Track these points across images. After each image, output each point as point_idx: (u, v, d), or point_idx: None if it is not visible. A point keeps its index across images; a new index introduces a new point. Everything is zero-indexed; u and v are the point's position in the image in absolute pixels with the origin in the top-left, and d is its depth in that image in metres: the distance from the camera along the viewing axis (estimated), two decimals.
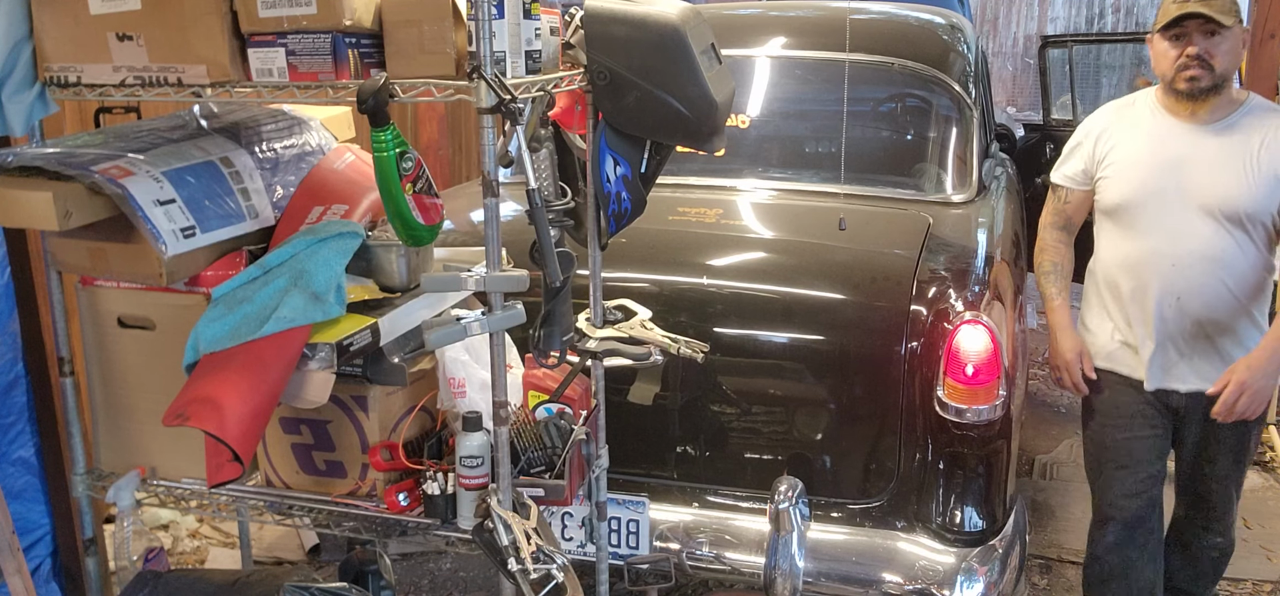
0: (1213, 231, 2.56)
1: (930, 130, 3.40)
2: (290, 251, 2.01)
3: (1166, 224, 2.59)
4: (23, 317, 2.77)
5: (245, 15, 1.88)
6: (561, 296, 2.07)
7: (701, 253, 2.79)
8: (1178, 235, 2.58)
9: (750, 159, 3.34)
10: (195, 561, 3.51)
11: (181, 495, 2.22)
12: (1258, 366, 2.53)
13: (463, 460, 1.93)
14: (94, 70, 2.01)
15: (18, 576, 2.52)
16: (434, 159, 5.48)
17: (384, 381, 2.09)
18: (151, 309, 2.16)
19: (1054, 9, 12.37)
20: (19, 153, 2.06)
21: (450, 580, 3.40)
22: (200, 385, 1.89)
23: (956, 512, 2.55)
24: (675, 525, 2.63)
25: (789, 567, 2.39)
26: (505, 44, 1.78)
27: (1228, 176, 2.55)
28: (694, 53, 2.06)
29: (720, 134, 2.19)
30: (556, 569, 1.83)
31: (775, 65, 3.53)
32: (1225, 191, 2.54)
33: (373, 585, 2.41)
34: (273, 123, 2.36)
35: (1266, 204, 2.54)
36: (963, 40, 3.64)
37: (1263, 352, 2.55)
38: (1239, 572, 3.40)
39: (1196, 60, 2.52)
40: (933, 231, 2.85)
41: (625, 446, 2.52)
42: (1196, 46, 2.51)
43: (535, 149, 2.08)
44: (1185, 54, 2.52)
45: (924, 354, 2.50)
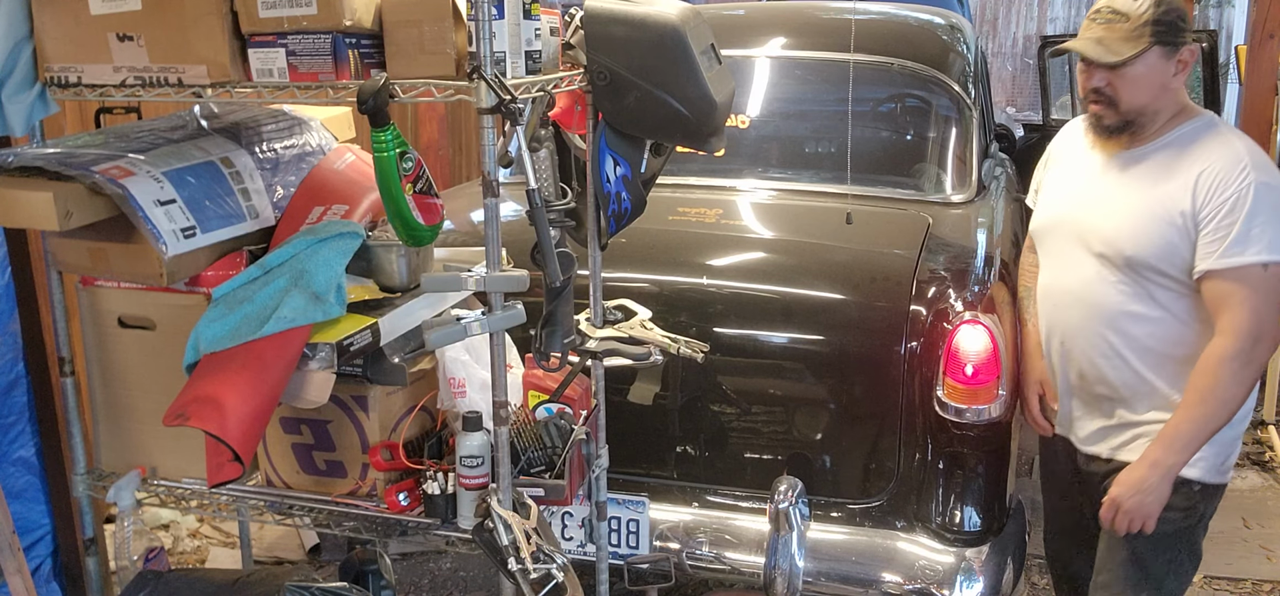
0: (1095, 273, 2.25)
1: (930, 130, 3.40)
2: (290, 251, 2.02)
3: (1058, 257, 2.35)
4: (23, 318, 2.77)
5: (245, 15, 1.88)
6: (562, 297, 2.08)
7: (701, 253, 2.79)
8: (1062, 271, 2.34)
9: (750, 159, 3.34)
10: (195, 561, 3.51)
11: (182, 495, 2.22)
12: (1130, 484, 2.16)
13: (463, 460, 1.93)
14: (94, 70, 2.01)
15: (18, 576, 2.52)
16: (434, 159, 5.49)
17: (384, 381, 2.09)
18: (152, 309, 2.16)
19: (1054, 9, 12.36)
20: (19, 153, 2.06)
21: (450, 580, 3.40)
22: (201, 385, 1.89)
23: (956, 512, 2.55)
24: (675, 525, 2.63)
25: (789, 567, 2.39)
26: (505, 44, 1.78)
27: (1115, 214, 2.22)
28: (694, 53, 2.06)
29: (720, 134, 2.20)
30: (556, 569, 1.83)
31: (775, 65, 3.53)
32: (1110, 230, 2.21)
33: (373, 585, 2.42)
34: (273, 123, 2.36)
35: (1158, 251, 2.15)
36: (962, 40, 3.65)
37: (1141, 466, 2.16)
38: (1239, 572, 3.40)
39: (1097, 94, 2.20)
40: (932, 231, 2.85)
41: (625, 446, 2.53)
42: (1097, 79, 2.19)
43: (535, 149, 2.08)
44: (1087, 87, 2.22)
45: (924, 354, 2.51)
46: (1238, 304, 2.07)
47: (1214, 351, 2.10)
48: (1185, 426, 2.13)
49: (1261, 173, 2.09)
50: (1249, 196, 2.07)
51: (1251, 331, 2.06)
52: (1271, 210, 2.08)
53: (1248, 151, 2.13)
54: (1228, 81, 8.02)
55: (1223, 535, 3.63)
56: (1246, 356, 2.08)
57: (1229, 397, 2.10)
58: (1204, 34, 4.59)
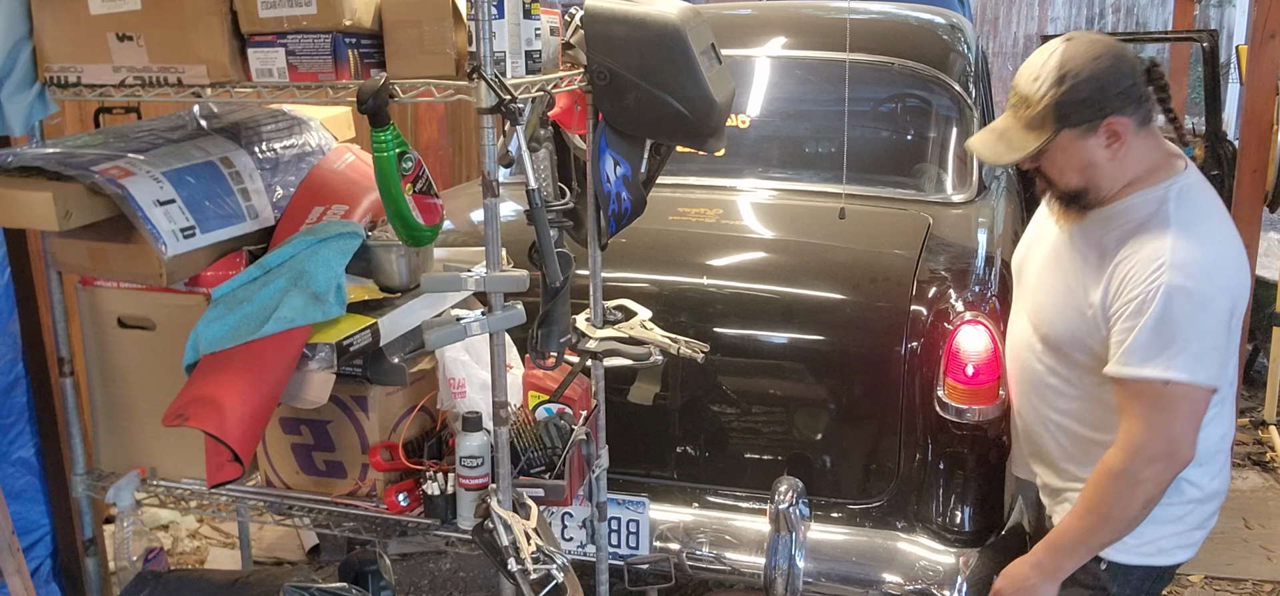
0: (1026, 338, 2.14)
1: (930, 130, 3.40)
2: (290, 251, 2.01)
3: (1014, 304, 2.25)
4: (23, 318, 2.77)
5: (245, 15, 1.87)
6: (560, 297, 2.07)
7: (701, 253, 2.79)
8: (1013, 321, 2.24)
9: (750, 159, 3.34)
10: (195, 561, 3.51)
11: (181, 495, 2.22)
12: (1013, 579, 2.04)
13: (463, 460, 1.93)
14: (94, 70, 2.01)
15: (17, 576, 2.52)
16: (434, 159, 5.48)
17: (384, 381, 2.09)
18: (151, 309, 2.16)
19: (1054, 9, 12.37)
20: (19, 153, 2.06)
21: (450, 580, 3.40)
22: (200, 385, 1.89)
23: (957, 513, 2.55)
24: (675, 525, 2.62)
25: (789, 568, 2.39)
26: (505, 44, 1.78)
27: (1043, 288, 2.09)
28: (694, 53, 2.06)
29: (720, 134, 2.19)
30: (556, 569, 1.83)
31: (775, 65, 3.52)
32: (1037, 303, 2.11)
33: (373, 585, 2.41)
34: (273, 123, 2.36)
35: (1070, 337, 2.00)
36: (963, 40, 3.64)
37: (1026, 563, 2.03)
38: (1239, 572, 3.40)
39: (1037, 171, 2.02)
40: (933, 231, 2.85)
41: (625, 446, 2.52)
42: (1025, 164, 2.01)
43: (535, 149, 2.08)
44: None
45: (924, 354, 2.50)
46: (1134, 417, 1.87)
47: (1105, 462, 1.92)
48: (1070, 533, 1.98)
49: (1180, 275, 1.81)
50: (1156, 301, 1.82)
51: (1144, 450, 1.86)
52: (1182, 320, 1.81)
53: (1174, 247, 1.83)
54: (1229, 81, 8.02)
55: (1223, 535, 3.63)
56: (1135, 476, 1.87)
57: (1116, 515, 1.91)
58: (1205, 34, 4.60)
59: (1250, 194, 3.92)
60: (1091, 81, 1.88)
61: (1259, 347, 4.78)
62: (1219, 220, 1.92)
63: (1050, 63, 1.91)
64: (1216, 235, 1.89)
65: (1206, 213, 1.91)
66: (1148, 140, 1.94)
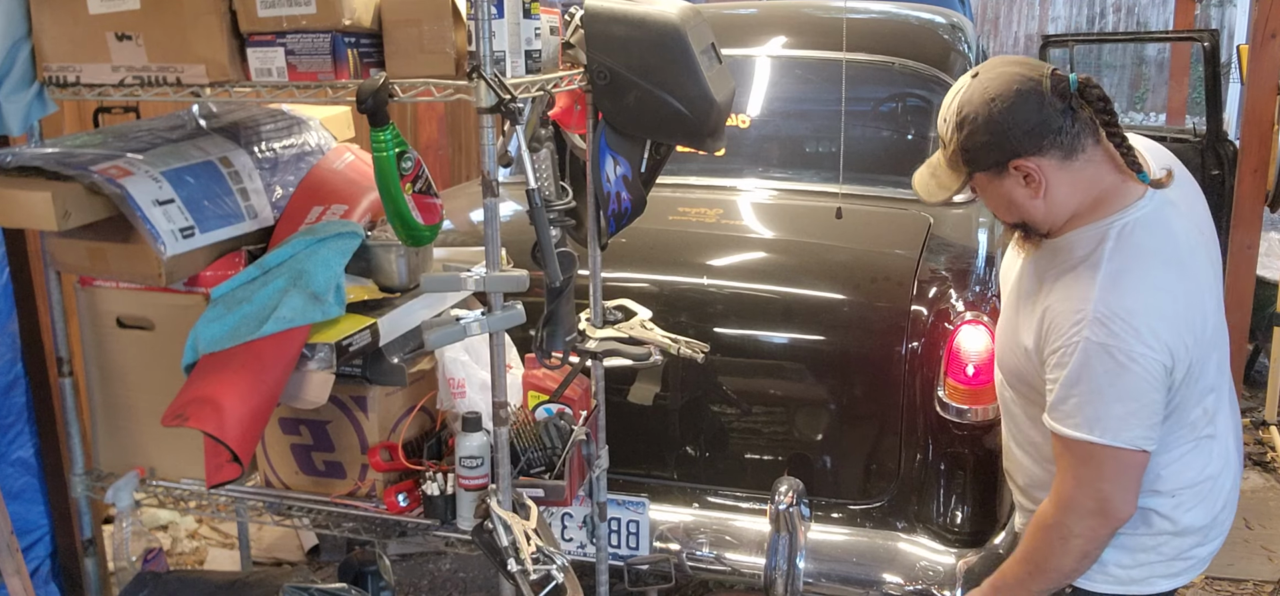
0: (1001, 373, 2.06)
1: (931, 130, 3.39)
2: (289, 251, 2.01)
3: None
4: (22, 318, 2.76)
5: (244, 15, 1.87)
6: (563, 297, 2.07)
7: (701, 253, 2.79)
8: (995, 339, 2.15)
9: (750, 159, 3.34)
10: (194, 562, 3.51)
11: (180, 495, 2.22)
12: None
13: (462, 461, 1.93)
14: (93, 70, 2.01)
15: (17, 577, 2.51)
16: (434, 159, 5.48)
17: (384, 381, 2.09)
18: (151, 309, 2.16)
19: (1055, 9, 12.36)
20: (18, 153, 2.06)
21: (450, 580, 3.40)
22: (199, 385, 1.89)
23: (957, 513, 2.54)
24: (675, 525, 2.62)
25: (789, 568, 2.39)
26: (505, 43, 1.78)
27: (1006, 312, 2.01)
28: (694, 52, 2.06)
29: (720, 134, 2.19)
30: (556, 569, 1.82)
31: (775, 65, 3.52)
32: (1001, 326, 2.04)
33: (372, 586, 2.41)
34: (272, 122, 2.35)
35: (1017, 372, 1.94)
36: (963, 40, 3.64)
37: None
38: (1239, 572, 3.40)
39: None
40: (933, 231, 2.85)
41: (625, 446, 2.52)
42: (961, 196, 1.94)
43: (535, 149, 2.08)
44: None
45: (925, 354, 2.50)
46: (1064, 470, 1.80)
47: (1040, 512, 1.87)
48: (1009, 577, 1.92)
49: (1100, 331, 1.69)
50: (1073, 357, 1.72)
51: (1074, 505, 1.79)
52: (1102, 381, 1.71)
53: (1100, 298, 1.71)
54: (1229, 81, 8.02)
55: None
56: (1067, 530, 1.80)
57: (1050, 567, 1.85)
58: (1205, 34, 4.60)
59: (1250, 194, 3.91)
60: (987, 126, 1.76)
61: (1259, 347, 4.78)
62: (1162, 264, 1.73)
63: (952, 105, 1.81)
64: (1153, 284, 1.72)
65: (1147, 255, 1.74)
66: (1083, 171, 1.78)
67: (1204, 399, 1.84)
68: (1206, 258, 1.83)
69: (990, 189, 1.85)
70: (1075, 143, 1.76)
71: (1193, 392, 1.81)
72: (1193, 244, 1.80)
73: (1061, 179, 1.78)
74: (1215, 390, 1.86)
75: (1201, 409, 1.85)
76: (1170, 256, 1.75)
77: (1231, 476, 1.93)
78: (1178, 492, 1.86)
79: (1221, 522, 1.94)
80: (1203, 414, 1.85)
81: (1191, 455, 1.86)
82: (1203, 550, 1.93)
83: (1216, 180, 4.53)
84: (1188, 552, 1.92)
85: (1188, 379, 1.77)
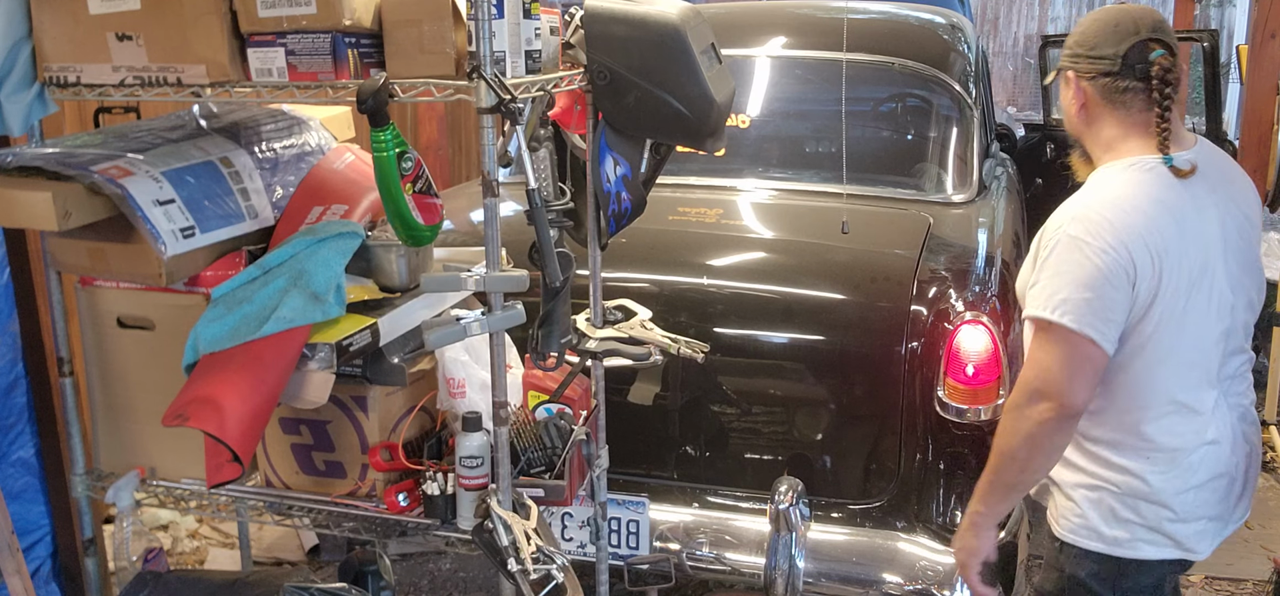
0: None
1: (931, 130, 3.40)
2: (290, 251, 2.01)
3: None
4: (22, 318, 2.76)
5: (245, 15, 1.87)
6: (560, 297, 2.07)
7: (701, 253, 2.79)
8: None
9: (750, 159, 3.34)
10: (195, 561, 3.51)
11: (181, 495, 2.22)
12: (956, 536, 2.09)
13: (462, 460, 1.93)
14: (93, 70, 2.01)
15: (17, 576, 2.52)
16: (434, 159, 5.48)
17: (384, 381, 2.09)
18: (151, 309, 2.16)
19: (1054, 8, 12.37)
20: (18, 153, 2.06)
21: (450, 580, 3.40)
22: (200, 385, 1.89)
23: (957, 513, 2.54)
24: (675, 525, 2.62)
25: (789, 568, 2.39)
26: (505, 44, 1.78)
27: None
28: (694, 52, 2.06)
29: (720, 134, 2.19)
30: (556, 569, 1.83)
31: (775, 65, 3.52)
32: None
33: (372, 585, 2.41)
34: (272, 123, 2.35)
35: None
36: (963, 40, 3.64)
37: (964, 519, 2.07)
38: (1239, 572, 3.40)
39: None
40: (933, 231, 2.85)
41: (625, 446, 2.52)
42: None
43: (535, 149, 2.08)
44: None
45: (924, 354, 2.50)
46: (1029, 354, 1.92)
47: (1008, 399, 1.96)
48: (984, 475, 1.99)
49: (1076, 226, 1.84)
50: (1052, 247, 1.87)
51: (1027, 384, 1.88)
52: (1067, 265, 1.84)
53: (1084, 202, 1.88)
54: (1229, 81, 8.02)
55: None
56: (1019, 410, 1.88)
57: (1006, 448, 1.92)
58: (1205, 34, 4.60)
59: None
60: (1076, 33, 1.99)
61: (1259, 347, 4.78)
62: (1152, 200, 1.86)
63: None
64: (1135, 205, 1.85)
65: (1142, 188, 1.88)
66: (1122, 118, 1.93)
67: (1188, 370, 1.91)
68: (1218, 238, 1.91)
69: (1060, 87, 2.03)
70: (1124, 95, 1.92)
71: (1168, 345, 1.88)
72: (1201, 214, 1.90)
73: (1102, 111, 1.95)
74: (1202, 370, 1.93)
75: (1183, 375, 1.91)
76: (1149, 192, 1.88)
77: (1213, 465, 1.96)
78: (1152, 454, 1.93)
79: (1198, 506, 1.96)
80: (1184, 383, 1.92)
81: (1169, 418, 1.92)
82: (1181, 528, 1.96)
83: None
84: (1166, 525, 1.95)
85: (1158, 316, 1.86)
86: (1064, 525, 2.00)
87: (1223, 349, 1.95)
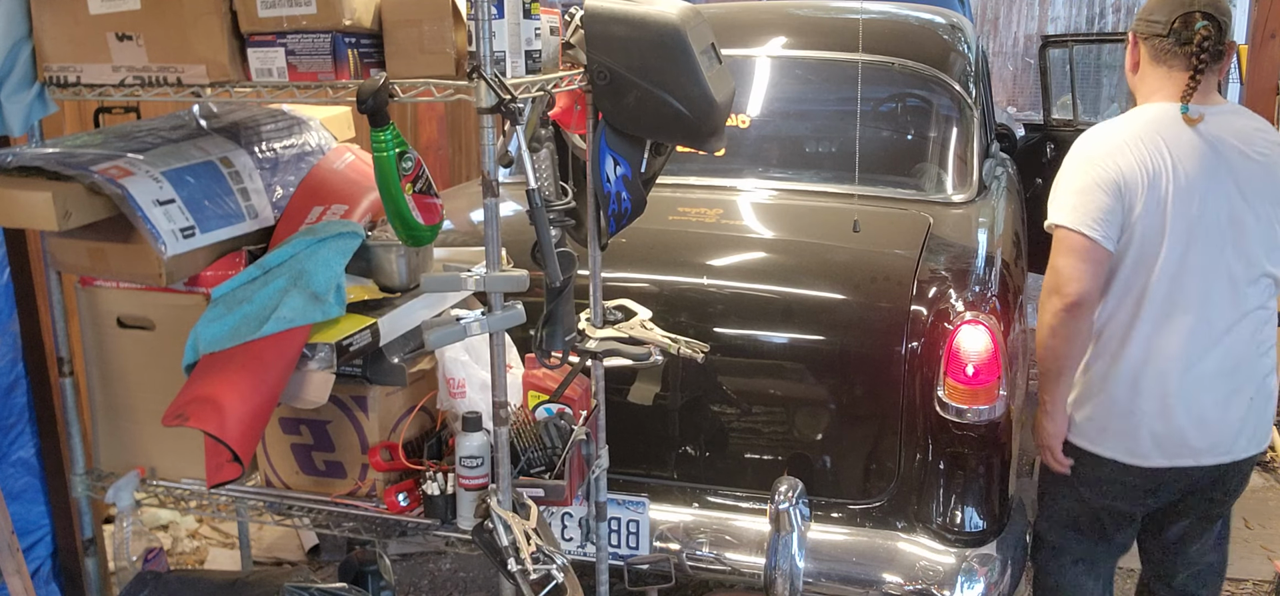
0: None
1: (931, 130, 3.40)
2: (290, 251, 2.01)
3: None
4: (22, 318, 2.76)
5: (245, 15, 1.87)
6: (563, 296, 2.07)
7: (701, 253, 2.79)
8: None
9: (750, 159, 3.34)
10: (195, 561, 3.51)
11: (181, 495, 2.22)
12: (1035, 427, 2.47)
13: (462, 460, 1.93)
14: (93, 70, 2.01)
15: (17, 576, 2.52)
16: (434, 159, 5.48)
17: (384, 381, 2.09)
18: (151, 309, 2.16)
19: (1054, 9, 12.36)
20: (18, 153, 2.06)
21: (450, 580, 3.40)
22: (200, 385, 1.89)
23: (957, 513, 2.54)
24: (675, 525, 2.62)
25: (789, 568, 2.39)
26: (505, 44, 1.78)
27: None
28: (694, 52, 2.06)
29: (720, 134, 2.19)
30: (556, 569, 1.83)
31: (775, 65, 3.52)
32: None
33: (372, 585, 2.41)
34: (272, 123, 2.35)
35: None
36: (963, 40, 3.64)
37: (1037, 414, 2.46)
38: (1239, 572, 3.40)
39: None
40: (933, 231, 2.85)
41: (625, 446, 2.52)
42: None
43: (535, 149, 2.08)
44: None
45: (924, 354, 2.50)
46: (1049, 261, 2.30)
47: None
48: (1039, 373, 2.39)
49: (1082, 146, 2.28)
50: (1064, 165, 2.30)
51: (1045, 285, 2.28)
52: (1069, 174, 2.27)
53: (1097, 131, 2.31)
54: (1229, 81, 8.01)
55: None
56: (1042, 309, 2.29)
57: (1039, 343, 2.33)
58: None
59: None
60: (1145, 4, 2.37)
61: None
62: (1147, 123, 2.26)
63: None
64: (1131, 128, 2.26)
65: (1138, 117, 2.30)
66: (1163, 74, 2.30)
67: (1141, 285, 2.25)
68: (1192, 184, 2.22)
69: (1127, 47, 2.40)
70: (1167, 56, 2.30)
71: (1136, 254, 2.24)
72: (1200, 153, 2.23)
73: (1149, 68, 2.34)
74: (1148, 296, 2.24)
75: (1136, 285, 2.25)
76: (1165, 134, 2.24)
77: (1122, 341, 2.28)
78: (1103, 338, 2.31)
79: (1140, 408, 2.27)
80: (1137, 291, 2.25)
81: (1108, 300, 2.28)
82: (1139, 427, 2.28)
83: None
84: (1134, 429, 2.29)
85: (1138, 228, 2.22)
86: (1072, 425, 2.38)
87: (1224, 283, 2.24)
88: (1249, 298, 2.25)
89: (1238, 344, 2.25)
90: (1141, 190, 2.19)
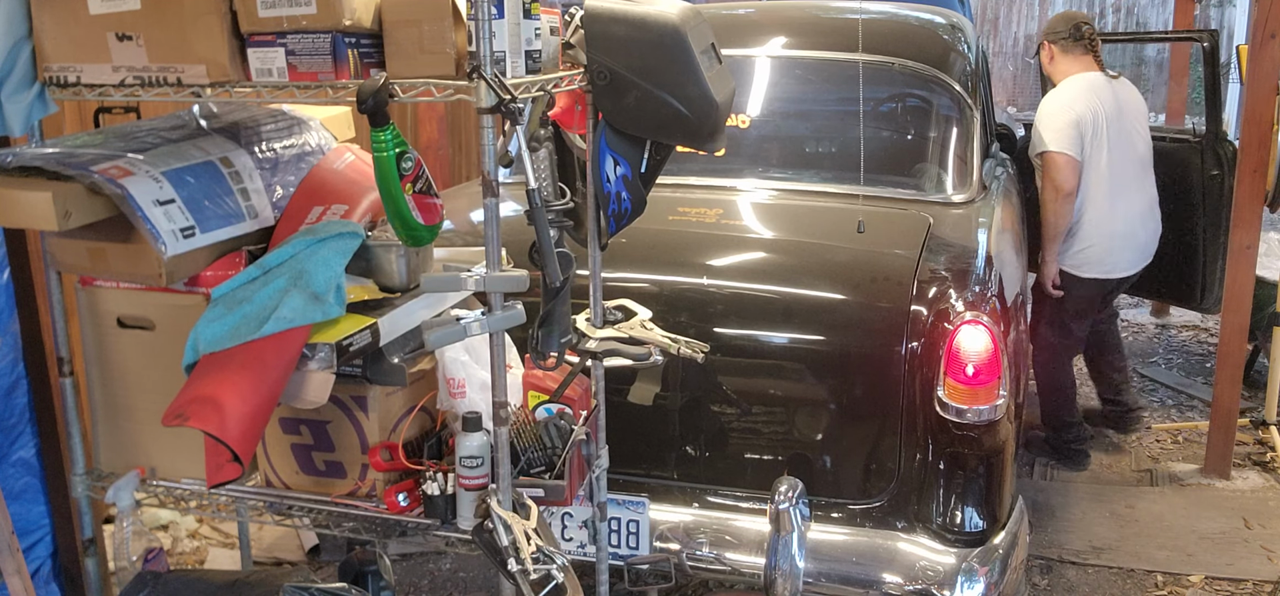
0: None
1: (931, 130, 3.40)
2: (290, 251, 2.01)
3: None
4: (22, 318, 2.76)
5: (245, 15, 1.87)
6: (560, 297, 2.07)
7: (701, 253, 2.79)
8: None
9: (750, 159, 3.34)
10: (195, 561, 3.51)
11: (181, 495, 2.22)
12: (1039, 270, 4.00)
13: (463, 460, 1.93)
14: (93, 70, 2.01)
15: (17, 577, 2.51)
16: (434, 159, 5.47)
17: (384, 381, 2.09)
18: (151, 309, 2.16)
19: (1054, 9, 12.36)
20: (19, 153, 2.06)
21: (450, 580, 3.40)
22: (200, 385, 1.89)
23: (957, 513, 2.55)
24: (675, 525, 2.62)
25: (789, 568, 2.39)
26: (505, 44, 1.78)
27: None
28: (694, 52, 2.06)
29: (720, 134, 2.19)
30: (556, 569, 1.83)
31: (775, 65, 3.52)
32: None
33: (372, 585, 2.41)
34: (272, 123, 2.35)
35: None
36: (963, 40, 3.64)
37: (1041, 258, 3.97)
38: (1239, 572, 3.40)
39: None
40: (933, 231, 2.85)
41: (625, 446, 2.52)
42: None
43: (535, 149, 2.08)
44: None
45: (924, 354, 2.50)
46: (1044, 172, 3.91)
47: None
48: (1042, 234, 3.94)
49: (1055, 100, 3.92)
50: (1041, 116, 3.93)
51: (1048, 184, 3.86)
52: (1050, 119, 3.86)
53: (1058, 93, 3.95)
54: (1229, 81, 8.01)
55: (1223, 535, 3.63)
56: (1044, 199, 3.89)
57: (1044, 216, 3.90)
58: (1205, 34, 4.59)
59: (1250, 194, 3.91)
60: (1047, 24, 4.16)
61: (1259, 348, 4.77)
62: (1087, 84, 3.90)
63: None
64: (1079, 87, 3.90)
65: (1080, 80, 3.92)
66: (1070, 62, 4.00)
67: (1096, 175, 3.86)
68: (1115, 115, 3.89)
69: (1042, 54, 4.14)
70: (1072, 48, 4.02)
71: (1091, 158, 3.84)
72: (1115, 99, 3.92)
73: (1061, 58, 4.05)
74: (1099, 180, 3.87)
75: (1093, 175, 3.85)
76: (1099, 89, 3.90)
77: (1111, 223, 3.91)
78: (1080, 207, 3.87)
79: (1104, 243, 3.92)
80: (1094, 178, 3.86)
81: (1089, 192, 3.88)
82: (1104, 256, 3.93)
83: (1216, 180, 4.52)
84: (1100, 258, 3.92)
85: (1090, 144, 3.82)
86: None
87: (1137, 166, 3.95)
88: (1146, 172, 3.97)
89: (1145, 196, 3.96)
90: (1090, 122, 3.80)
